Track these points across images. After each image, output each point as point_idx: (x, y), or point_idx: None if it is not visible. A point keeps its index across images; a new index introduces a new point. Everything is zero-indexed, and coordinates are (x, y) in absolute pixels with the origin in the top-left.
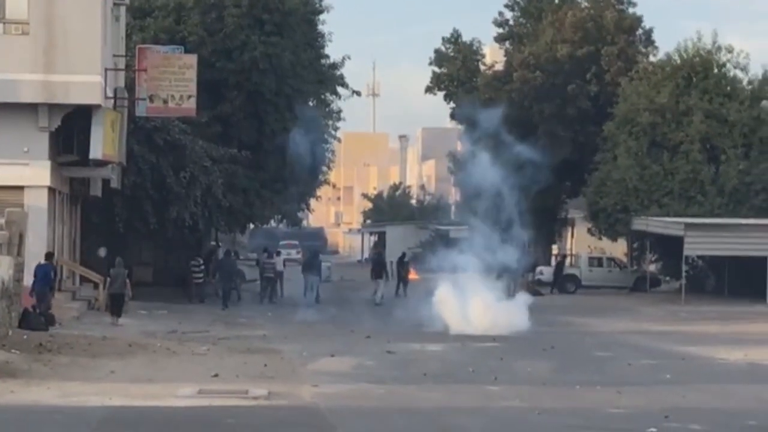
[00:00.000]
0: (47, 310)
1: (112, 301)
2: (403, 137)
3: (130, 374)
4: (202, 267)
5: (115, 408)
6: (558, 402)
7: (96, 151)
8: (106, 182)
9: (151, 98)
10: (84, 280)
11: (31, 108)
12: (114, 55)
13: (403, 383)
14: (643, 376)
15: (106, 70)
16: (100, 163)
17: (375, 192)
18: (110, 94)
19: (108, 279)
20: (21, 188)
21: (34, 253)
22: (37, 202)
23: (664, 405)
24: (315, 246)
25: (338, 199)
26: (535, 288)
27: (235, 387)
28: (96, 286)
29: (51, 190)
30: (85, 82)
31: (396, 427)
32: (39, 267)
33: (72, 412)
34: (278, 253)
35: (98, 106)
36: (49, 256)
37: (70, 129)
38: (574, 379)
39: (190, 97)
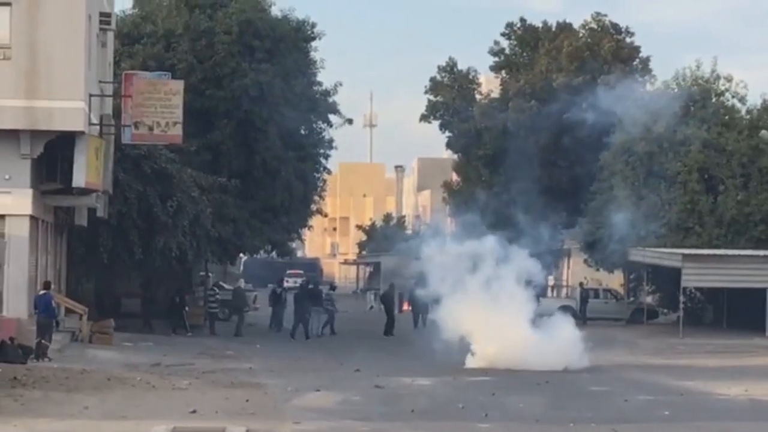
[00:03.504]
0: (50, 341)
1: None
2: (399, 167)
3: (104, 410)
4: (218, 297)
5: None
6: None
7: (79, 179)
8: (91, 211)
9: (136, 125)
10: (68, 311)
11: (13, 134)
12: (101, 82)
13: (389, 420)
14: (640, 412)
15: (90, 96)
16: (85, 192)
17: (370, 222)
18: (95, 120)
19: None
20: (2, 217)
21: (16, 283)
22: (18, 231)
23: None
24: (309, 276)
25: (334, 229)
26: None
27: (212, 425)
28: (81, 317)
29: (33, 219)
30: (68, 108)
31: None
32: (40, 297)
33: None
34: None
35: (81, 133)
36: (47, 285)
37: (53, 156)
38: (568, 416)
39: (176, 123)
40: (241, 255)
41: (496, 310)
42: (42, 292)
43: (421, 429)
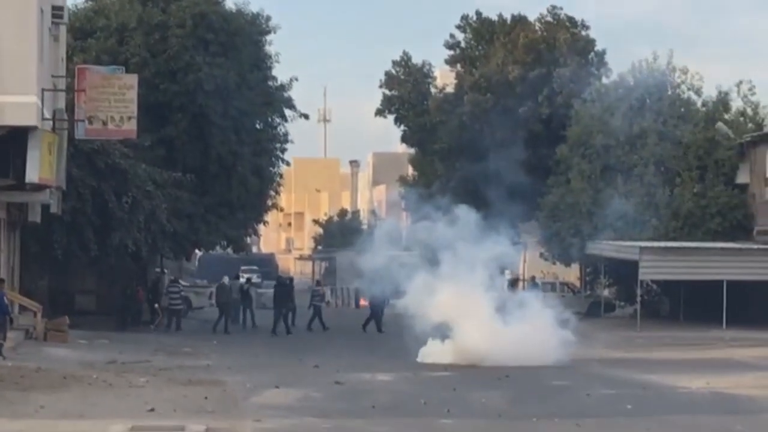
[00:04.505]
0: (4, 339)
1: None
2: (353, 162)
3: (60, 410)
4: (182, 293)
5: None
6: None
7: (32, 175)
8: (45, 207)
9: (90, 120)
10: (22, 308)
11: None
12: (53, 76)
13: (350, 417)
14: (603, 407)
15: (43, 90)
16: (38, 188)
17: (326, 217)
18: (48, 115)
19: None
20: None
21: None
22: None
23: None
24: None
25: (289, 225)
26: None
27: (170, 423)
28: (35, 314)
29: None
30: (19, 103)
31: None
32: None
33: None
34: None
35: (34, 128)
36: (1, 282)
37: (5, 152)
38: (530, 410)
39: (130, 118)
40: (197, 251)
41: (470, 301)
42: None
43: (383, 425)
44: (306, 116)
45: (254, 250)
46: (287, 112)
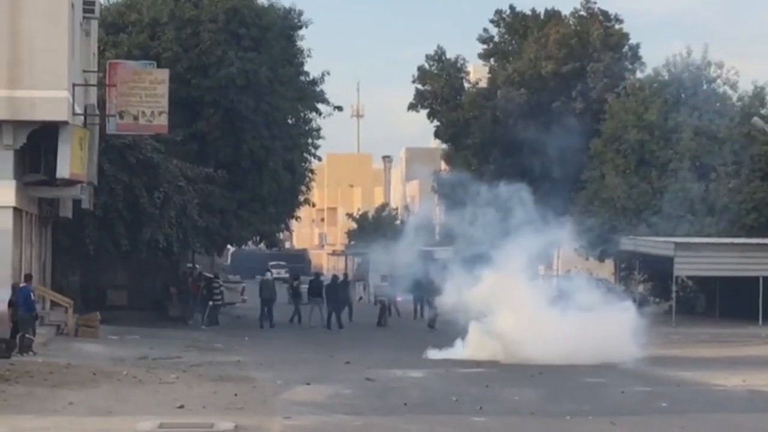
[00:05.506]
0: (33, 335)
1: None
2: (387, 158)
3: (89, 406)
4: (222, 289)
5: None
6: None
7: (63, 170)
8: (76, 203)
9: (121, 114)
10: (54, 304)
11: None
12: (84, 71)
13: (381, 414)
14: (637, 404)
15: (74, 85)
16: (69, 183)
17: (359, 213)
18: (79, 110)
19: None
20: None
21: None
22: (1, 223)
23: None
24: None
25: (322, 220)
26: None
27: (199, 420)
28: (66, 310)
29: (17, 211)
30: (51, 98)
31: None
32: (20, 290)
33: None
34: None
35: (65, 123)
36: (27, 278)
37: (36, 147)
38: (564, 408)
39: (161, 113)
40: (229, 246)
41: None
42: (22, 285)
43: (415, 423)
44: (340, 108)
45: (287, 245)
46: (320, 106)
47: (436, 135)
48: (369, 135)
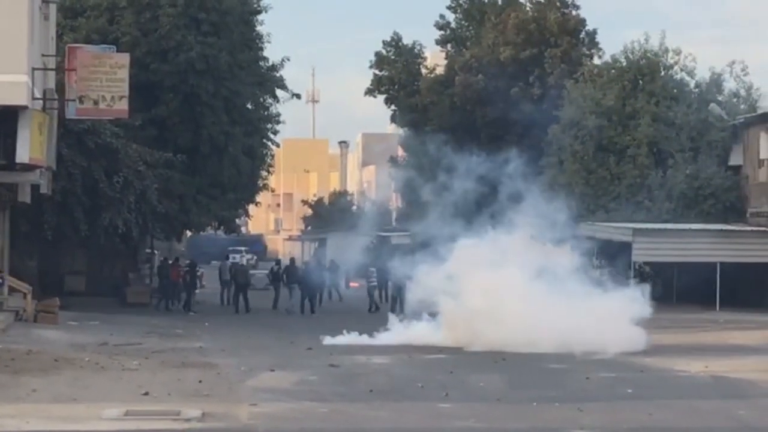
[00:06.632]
0: None
1: None
2: (342, 143)
3: (52, 393)
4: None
5: None
6: (515, 421)
7: (23, 155)
8: (35, 188)
9: (81, 99)
10: (12, 290)
11: None
12: (43, 55)
13: (348, 401)
14: (603, 390)
15: (33, 70)
16: (28, 168)
17: (315, 198)
18: (38, 95)
19: None
20: None
21: None
22: None
23: (631, 424)
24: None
25: (278, 205)
26: None
27: (166, 407)
28: (25, 296)
29: None
30: (10, 82)
31: None
32: None
33: None
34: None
35: (25, 108)
36: None
37: None
38: (530, 394)
39: (122, 97)
40: (187, 232)
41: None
42: None
43: (382, 410)
44: (298, 96)
45: (243, 230)
46: (279, 92)
47: (393, 120)
48: (325, 120)
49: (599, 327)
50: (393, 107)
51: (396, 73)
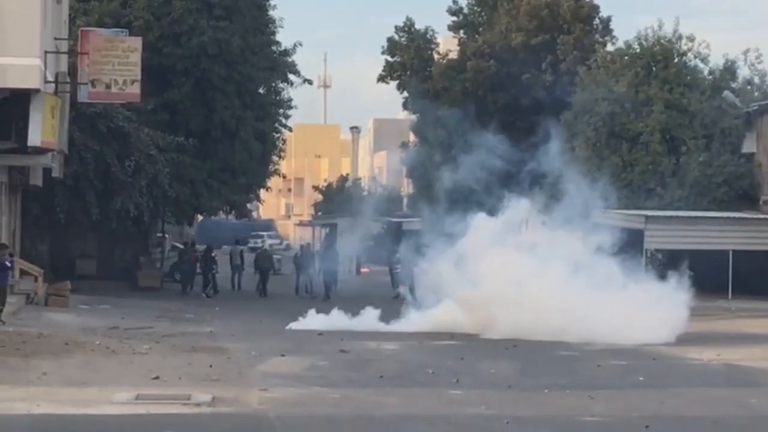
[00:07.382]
0: (3, 304)
1: None
2: (354, 128)
3: (63, 376)
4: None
5: (40, 416)
6: (527, 408)
7: (35, 138)
8: (47, 171)
9: (93, 83)
10: (23, 273)
11: None
12: (55, 39)
13: (358, 386)
14: (614, 378)
15: (46, 53)
16: (40, 151)
17: (326, 183)
18: (51, 78)
19: None
20: None
21: None
22: None
23: (642, 412)
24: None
25: (289, 190)
26: None
27: (176, 391)
28: (36, 279)
29: None
30: (22, 65)
31: None
32: None
33: None
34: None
35: (37, 91)
36: (3, 247)
37: (7, 115)
38: (541, 382)
39: (134, 81)
40: (198, 216)
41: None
42: None
43: (393, 395)
44: (310, 81)
45: (254, 215)
46: (291, 77)
47: (405, 106)
48: (337, 105)
49: (630, 319)
50: (405, 93)
51: (408, 59)
